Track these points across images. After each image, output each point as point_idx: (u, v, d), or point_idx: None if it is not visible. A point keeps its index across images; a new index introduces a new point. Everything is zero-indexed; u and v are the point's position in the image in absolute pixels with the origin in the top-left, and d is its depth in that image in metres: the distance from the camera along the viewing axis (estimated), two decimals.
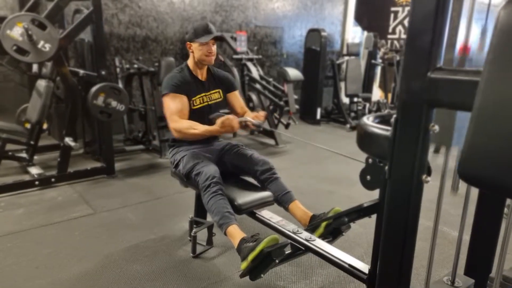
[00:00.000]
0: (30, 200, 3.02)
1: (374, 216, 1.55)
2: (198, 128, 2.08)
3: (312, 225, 1.80)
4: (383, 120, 1.32)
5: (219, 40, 2.29)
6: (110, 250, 2.34)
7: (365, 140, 1.21)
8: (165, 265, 2.19)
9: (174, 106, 2.13)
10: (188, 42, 2.24)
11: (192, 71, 2.28)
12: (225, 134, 2.17)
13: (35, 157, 3.72)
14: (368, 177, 1.43)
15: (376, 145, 1.14)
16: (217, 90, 2.36)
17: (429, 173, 1.10)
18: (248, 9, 6.21)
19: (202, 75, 2.32)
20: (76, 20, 3.33)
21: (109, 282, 2.03)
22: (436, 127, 0.99)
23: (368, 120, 1.26)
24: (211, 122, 2.19)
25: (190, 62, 2.30)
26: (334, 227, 1.81)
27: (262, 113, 2.19)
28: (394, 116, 1.05)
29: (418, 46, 0.97)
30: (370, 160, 1.42)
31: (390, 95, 7.42)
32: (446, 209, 2.25)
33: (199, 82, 2.30)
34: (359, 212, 1.53)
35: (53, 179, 3.28)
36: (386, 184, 1.41)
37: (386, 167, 1.09)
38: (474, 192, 1.10)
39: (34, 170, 3.47)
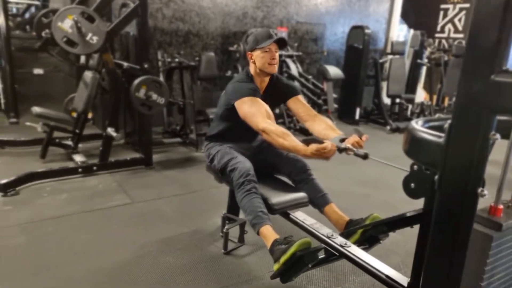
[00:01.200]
0: (73, 187, 3.16)
1: (416, 226, 1.46)
2: (288, 140, 1.82)
3: (348, 231, 1.73)
4: (434, 126, 1.23)
5: (283, 47, 2.19)
6: (145, 240, 2.39)
7: (413, 145, 1.13)
8: (197, 260, 2.20)
9: (255, 108, 1.94)
10: (249, 52, 2.11)
11: (254, 79, 2.15)
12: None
13: (80, 145, 3.89)
14: (412, 185, 1.34)
15: (425, 151, 1.06)
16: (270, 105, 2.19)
17: (483, 184, 1.00)
18: (290, 4, 6.12)
19: (261, 87, 2.18)
20: (123, 14, 3.42)
21: (142, 272, 2.07)
22: (498, 136, 0.89)
23: (417, 125, 1.18)
24: (312, 137, 2.02)
25: (252, 69, 2.15)
26: (371, 234, 1.73)
27: (364, 138, 1.83)
28: (449, 121, 0.96)
29: (481, 45, 0.87)
30: (415, 167, 1.34)
31: (435, 97, 7.06)
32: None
33: (259, 90, 2.17)
34: (400, 222, 1.44)
35: (94, 167, 3.41)
36: (432, 193, 1.33)
37: (436, 176, 1.01)
38: None
39: (78, 158, 3.62)
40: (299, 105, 2.22)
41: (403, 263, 2.27)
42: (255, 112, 1.94)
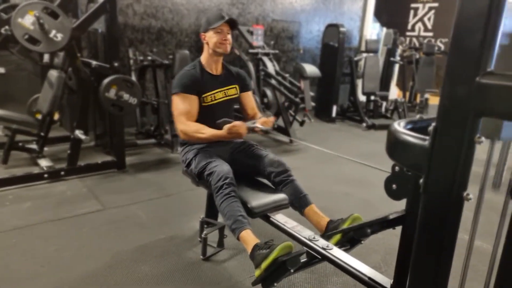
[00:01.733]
0: (39, 194, 2.98)
1: (398, 227, 1.44)
2: (205, 132, 2.04)
3: (330, 233, 1.69)
4: (416, 127, 1.20)
5: (234, 28, 2.17)
6: (118, 249, 2.27)
7: (396, 148, 1.09)
8: (174, 267, 2.11)
9: (182, 106, 2.08)
10: (202, 33, 2.16)
11: (205, 67, 2.20)
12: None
13: (45, 149, 3.68)
14: (394, 186, 1.31)
15: (409, 155, 1.03)
16: (234, 86, 2.27)
17: None
18: (266, 2, 6.07)
19: (216, 69, 2.23)
20: (90, 10, 3.26)
21: (115, 284, 1.95)
22: (483, 139, 0.86)
23: (400, 126, 1.14)
24: (222, 120, 2.12)
25: (203, 57, 2.22)
26: (353, 236, 1.70)
27: (271, 119, 2.14)
28: (433, 124, 0.93)
29: (465, 47, 0.84)
30: (396, 168, 1.30)
31: (408, 94, 7.21)
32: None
33: (213, 78, 2.20)
34: (382, 224, 1.41)
35: (62, 172, 3.24)
36: (415, 195, 1.30)
37: (421, 180, 0.97)
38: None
39: (44, 163, 3.43)
40: (248, 100, 2.33)
41: (383, 261, 2.26)
42: (180, 111, 2.06)
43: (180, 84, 2.09)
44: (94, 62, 3.39)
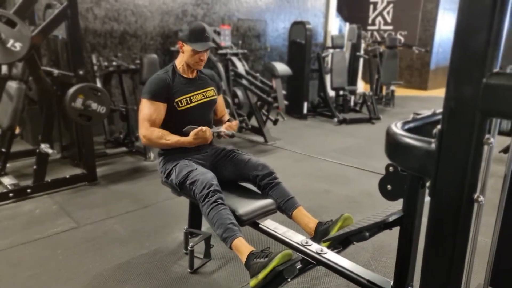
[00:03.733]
0: (4, 215, 2.76)
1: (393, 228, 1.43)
2: (170, 139, 2.02)
3: (326, 239, 1.66)
4: (413, 127, 1.19)
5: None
6: (98, 270, 2.13)
7: (399, 152, 1.07)
8: (161, 284, 2.01)
9: (148, 112, 2.03)
10: (180, 41, 2.10)
11: (179, 71, 2.14)
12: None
13: (8, 165, 3.44)
14: (389, 187, 1.30)
15: (414, 158, 1.01)
16: (211, 88, 2.23)
17: None
18: (230, 1, 5.99)
19: (192, 73, 2.18)
20: (48, 16, 3.05)
21: None
22: (492, 140, 0.86)
23: (398, 128, 1.12)
24: (204, 122, 2.11)
25: (178, 62, 2.16)
26: (350, 239, 1.68)
27: (235, 123, 2.20)
28: (438, 127, 0.91)
29: (470, 47, 0.82)
30: (391, 169, 1.29)
31: (374, 87, 7.38)
32: None
33: (188, 81, 2.15)
34: (380, 226, 1.40)
35: (29, 190, 3.02)
36: (411, 195, 1.30)
37: (428, 183, 0.96)
38: None
39: (7, 180, 3.19)
40: (219, 103, 2.32)
41: (372, 259, 2.27)
42: (145, 117, 2.02)
43: (148, 90, 2.05)
44: (56, 71, 3.18)
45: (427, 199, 1.08)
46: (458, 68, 0.86)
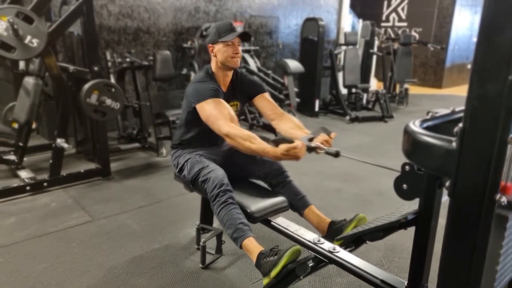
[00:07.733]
0: (22, 208, 2.81)
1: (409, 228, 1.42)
2: (256, 143, 1.76)
3: (340, 237, 1.66)
4: (431, 125, 1.17)
5: (245, 40, 2.08)
6: (112, 263, 2.17)
7: (417, 150, 1.05)
8: (174, 279, 2.03)
9: (216, 111, 1.84)
10: (210, 45, 1.99)
11: (216, 78, 2.03)
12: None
13: (25, 159, 3.50)
14: (405, 186, 1.28)
15: (433, 157, 0.99)
16: (235, 103, 2.13)
17: None
18: None
19: (224, 83, 2.07)
20: (64, 12, 3.09)
21: None
22: None
23: (416, 126, 1.10)
24: (281, 137, 1.90)
25: (213, 67, 2.04)
26: (363, 238, 1.67)
27: (333, 135, 1.86)
28: (460, 125, 0.89)
29: (496, 43, 0.80)
30: (407, 167, 1.27)
31: (388, 85, 7.29)
32: None
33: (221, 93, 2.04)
34: (395, 226, 1.38)
35: (45, 184, 3.07)
36: (428, 194, 1.28)
37: (448, 183, 0.94)
38: None
39: (25, 174, 3.25)
40: (265, 103, 2.13)
41: (384, 258, 2.25)
42: (217, 115, 1.84)
43: (208, 90, 1.90)
44: (71, 67, 3.22)
45: (444, 199, 1.06)
46: (483, 66, 0.84)
